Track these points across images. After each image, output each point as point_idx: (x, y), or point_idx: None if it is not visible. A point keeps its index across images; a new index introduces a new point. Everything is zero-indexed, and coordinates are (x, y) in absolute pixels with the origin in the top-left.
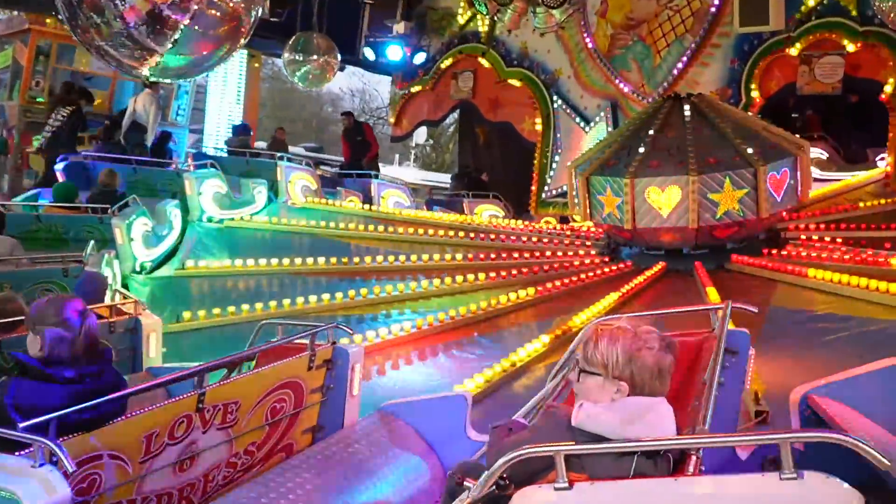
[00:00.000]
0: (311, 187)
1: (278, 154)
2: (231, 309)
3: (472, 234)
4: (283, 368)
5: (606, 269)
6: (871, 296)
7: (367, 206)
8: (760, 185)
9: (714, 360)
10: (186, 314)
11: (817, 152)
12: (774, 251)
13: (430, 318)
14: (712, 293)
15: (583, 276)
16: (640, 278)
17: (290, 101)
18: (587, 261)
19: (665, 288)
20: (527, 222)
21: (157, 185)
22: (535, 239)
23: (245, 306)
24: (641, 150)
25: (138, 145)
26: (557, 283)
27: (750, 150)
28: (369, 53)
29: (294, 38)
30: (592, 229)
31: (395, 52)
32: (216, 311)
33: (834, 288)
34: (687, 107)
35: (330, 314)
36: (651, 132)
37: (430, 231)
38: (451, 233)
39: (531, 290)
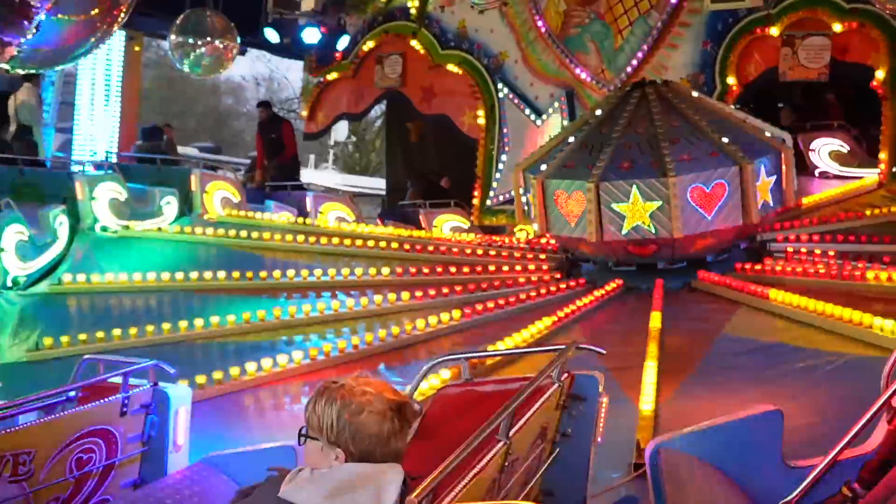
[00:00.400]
0: (233, 199)
1: (192, 158)
2: (101, 335)
3: (406, 247)
4: (89, 414)
5: (553, 288)
6: (827, 323)
7: (301, 221)
8: (672, 198)
9: (498, 413)
10: (48, 340)
11: (837, 144)
12: (749, 266)
13: (328, 346)
14: (656, 319)
15: (523, 295)
16: (589, 298)
17: (180, 92)
18: (535, 277)
19: (613, 312)
20: (498, 234)
21: (48, 190)
22: (479, 252)
23: (117, 331)
24: (567, 147)
25: (26, 144)
26: (491, 304)
27: (670, 156)
28: (274, 34)
29: (183, 15)
30: (552, 241)
31: (305, 33)
32: (82, 336)
33: (793, 312)
34: (634, 97)
35: (220, 340)
36: (585, 127)
37: (359, 242)
38: (383, 244)
39: (457, 314)
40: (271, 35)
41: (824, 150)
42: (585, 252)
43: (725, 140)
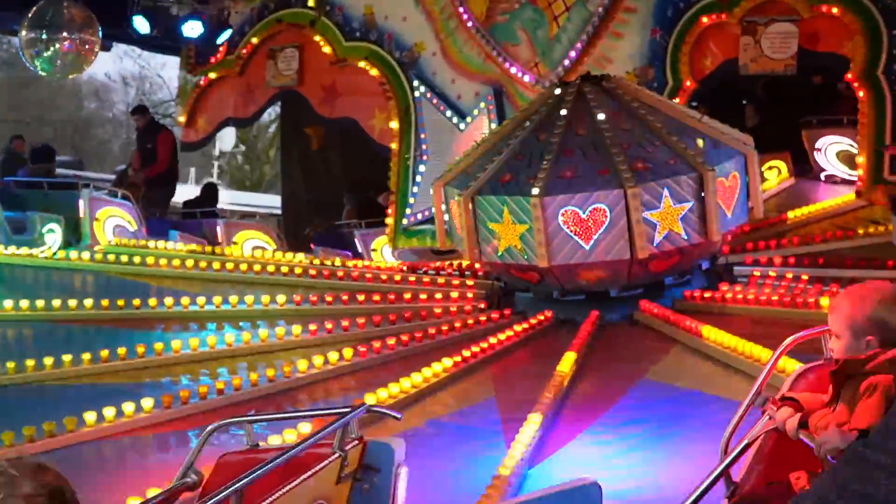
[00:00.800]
0: (129, 228)
1: (82, 181)
2: None
3: (312, 272)
4: None
5: (472, 321)
6: (753, 368)
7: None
8: (536, 221)
9: (213, 495)
10: None
11: (846, 144)
12: (699, 294)
13: (186, 392)
14: (567, 361)
15: (433, 329)
16: (509, 333)
17: (34, 96)
18: (454, 307)
19: (534, 349)
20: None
21: None
22: (397, 277)
23: None
24: (474, 152)
25: None
26: (392, 341)
27: (549, 172)
28: (144, 24)
29: (36, 7)
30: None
31: (181, 24)
32: None
33: (722, 355)
34: (553, 97)
35: (66, 382)
36: (502, 132)
37: (257, 267)
38: (285, 269)
39: (348, 353)
40: (141, 25)
41: (831, 149)
42: (489, 272)
43: (621, 157)
